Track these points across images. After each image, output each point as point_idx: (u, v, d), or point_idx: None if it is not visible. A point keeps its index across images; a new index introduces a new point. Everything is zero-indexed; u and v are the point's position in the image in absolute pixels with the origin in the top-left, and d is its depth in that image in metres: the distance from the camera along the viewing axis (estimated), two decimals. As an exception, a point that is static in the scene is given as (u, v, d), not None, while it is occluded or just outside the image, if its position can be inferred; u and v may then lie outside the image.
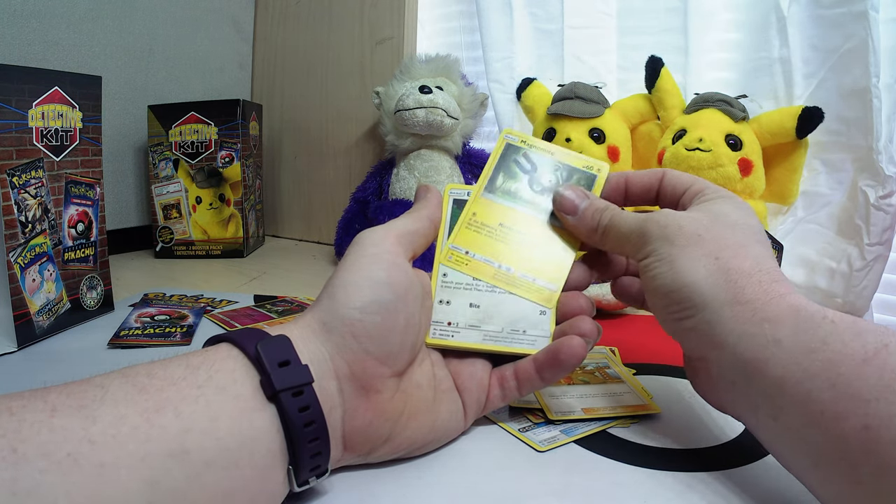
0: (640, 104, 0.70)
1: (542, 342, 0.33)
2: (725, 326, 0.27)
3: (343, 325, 0.27)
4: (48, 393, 0.21)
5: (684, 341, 0.31)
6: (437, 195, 0.35)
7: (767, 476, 0.30)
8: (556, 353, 0.31)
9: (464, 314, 0.34)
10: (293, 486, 0.26)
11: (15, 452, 0.18)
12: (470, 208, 0.36)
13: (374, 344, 0.28)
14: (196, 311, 0.58)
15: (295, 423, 0.24)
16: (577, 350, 0.31)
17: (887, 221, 0.58)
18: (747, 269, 0.28)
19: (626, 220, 0.32)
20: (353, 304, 0.28)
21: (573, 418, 0.36)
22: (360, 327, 0.27)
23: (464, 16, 0.88)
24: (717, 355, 0.28)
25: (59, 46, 0.78)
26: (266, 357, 0.25)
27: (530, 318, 0.34)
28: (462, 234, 0.35)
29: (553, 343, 0.32)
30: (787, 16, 0.61)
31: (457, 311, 0.34)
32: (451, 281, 0.34)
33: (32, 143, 0.48)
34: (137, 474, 0.20)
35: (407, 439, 0.30)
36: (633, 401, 0.38)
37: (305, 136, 1.03)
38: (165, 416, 0.21)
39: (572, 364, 0.31)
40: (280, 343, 0.26)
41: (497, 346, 0.33)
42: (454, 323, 0.34)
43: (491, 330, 0.34)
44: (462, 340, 0.33)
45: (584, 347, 0.31)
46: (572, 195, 0.35)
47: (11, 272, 0.46)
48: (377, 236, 0.31)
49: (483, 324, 0.34)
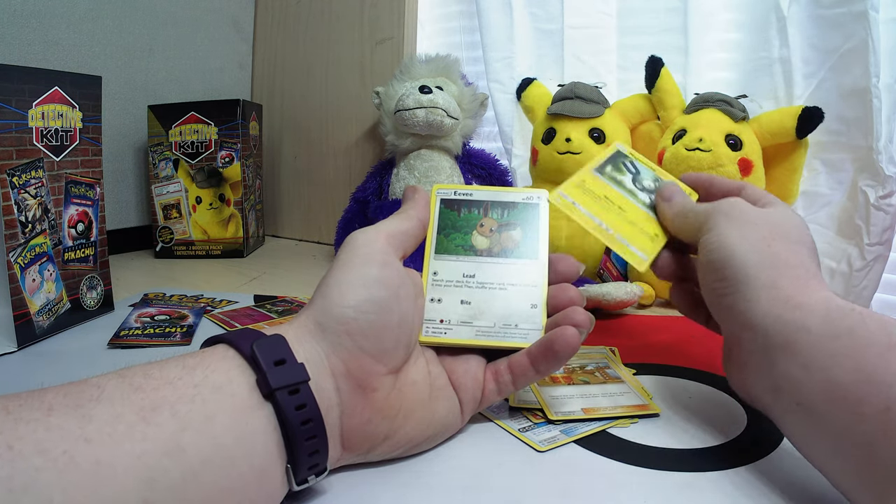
0: (640, 104, 0.70)
1: (534, 335, 0.33)
2: (761, 307, 0.29)
3: (337, 323, 0.28)
4: (45, 393, 0.21)
5: (722, 319, 0.33)
6: (425, 195, 0.36)
7: (767, 476, 0.30)
8: (551, 343, 0.32)
9: (455, 311, 0.34)
10: (292, 485, 0.26)
11: (11, 450, 0.18)
12: (581, 177, 0.40)
13: (368, 342, 0.28)
14: (196, 311, 0.58)
15: (291, 421, 0.25)
16: (572, 340, 0.31)
17: (887, 221, 0.58)
18: (793, 262, 0.31)
19: (701, 206, 0.36)
20: (347, 303, 0.28)
21: (573, 418, 0.36)
22: (355, 325, 0.28)
23: (464, 16, 0.88)
24: (749, 336, 0.30)
25: (59, 46, 0.78)
26: (261, 356, 0.25)
27: (522, 313, 0.34)
28: (572, 188, 0.39)
29: (547, 334, 0.32)
30: (787, 16, 0.61)
31: (448, 309, 0.34)
32: (441, 279, 0.35)
33: (32, 143, 0.48)
34: (133, 472, 0.20)
35: (405, 436, 0.30)
36: (633, 401, 0.38)
37: (305, 136, 1.03)
38: (161, 414, 0.22)
39: (567, 354, 0.31)
40: (275, 342, 0.26)
41: (490, 340, 0.33)
42: (446, 320, 0.34)
43: (483, 325, 0.34)
44: (455, 337, 0.33)
45: (578, 337, 0.31)
46: (672, 186, 0.40)
47: (11, 272, 0.46)
48: (368, 237, 0.31)
49: (475, 320, 0.34)
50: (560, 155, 0.68)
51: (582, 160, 0.66)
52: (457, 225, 0.37)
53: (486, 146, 0.86)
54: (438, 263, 0.36)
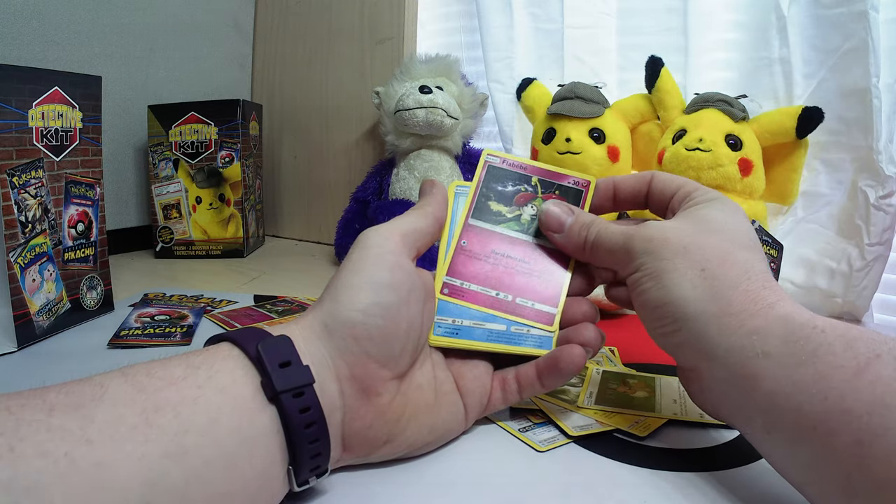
0: (640, 104, 0.70)
1: (547, 343, 0.33)
2: (713, 340, 0.27)
3: (344, 327, 0.27)
4: (47, 392, 0.21)
5: (675, 354, 0.31)
6: (443, 191, 0.35)
7: (767, 476, 0.30)
8: (556, 361, 0.32)
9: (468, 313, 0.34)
10: (293, 486, 0.26)
11: (13, 451, 0.18)
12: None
13: (375, 347, 0.28)
14: (196, 311, 0.58)
15: (295, 424, 0.24)
16: (577, 359, 0.31)
17: (887, 221, 0.58)
18: (733, 278, 0.28)
19: (612, 235, 0.32)
20: (355, 307, 0.28)
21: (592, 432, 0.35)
22: (362, 330, 0.27)
23: (464, 16, 0.88)
24: (708, 367, 0.28)
25: (59, 46, 0.78)
26: (267, 358, 0.25)
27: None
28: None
29: (554, 350, 0.33)
30: (787, 16, 0.61)
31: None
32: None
33: (32, 143, 0.48)
34: (135, 474, 0.20)
35: (406, 441, 0.30)
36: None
37: (305, 136, 1.03)
38: (164, 416, 0.21)
39: (571, 372, 0.32)
40: (281, 343, 0.26)
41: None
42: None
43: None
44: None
45: (584, 357, 0.32)
46: (557, 211, 0.34)
47: (11, 272, 0.46)
48: (381, 236, 0.30)
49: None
50: (560, 155, 0.68)
51: (582, 160, 0.67)
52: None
53: (486, 146, 0.86)
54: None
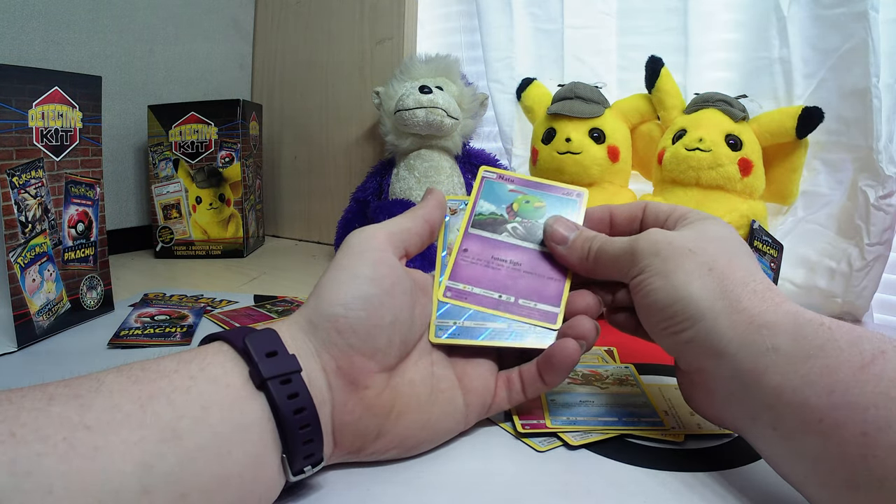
0: (640, 104, 0.70)
1: (550, 337, 0.33)
2: (724, 335, 0.27)
3: (327, 321, 0.28)
4: (47, 385, 0.22)
5: (682, 354, 0.31)
6: (438, 197, 0.36)
7: (767, 476, 0.30)
8: (550, 357, 0.32)
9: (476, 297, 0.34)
10: (288, 476, 0.26)
11: (14, 436, 0.19)
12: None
13: (359, 339, 0.28)
14: (196, 311, 0.58)
15: (284, 410, 0.25)
16: (572, 353, 0.32)
17: (887, 221, 0.58)
18: (740, 278, 0.29)
19: (615, 243, 0.33)
20: (337, 301, 0.28)
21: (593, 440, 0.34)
22: (344, 323, 0.28)
23: (464, 16, 0.88)
24: (715, 365, 0.28)
25: (59, 46, 0.78)
26: (253, 348, 0.26)
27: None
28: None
29: (549, 347, 0.33)
30: (787, 16, 0.61)
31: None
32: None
33: (32, 143, 0.48)
34: (131, 458, 0.20)
35: (397, 436, 0.30)
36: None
37: (305, 136, 1.03)
38: (159, 403, 0.22)
39: (567, 367, 0.32)
40: (267, 335, 0.27)
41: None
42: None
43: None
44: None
45: (578, 351, 0.32)
46: (561, 227, 0.35)
47: (11, 272, 0.46)
48: (365, 235, 0.31)
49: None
50: (560, 155, 0.68)
51: (582, 160, 0.67)
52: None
53: (486, 146, 0.86)
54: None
